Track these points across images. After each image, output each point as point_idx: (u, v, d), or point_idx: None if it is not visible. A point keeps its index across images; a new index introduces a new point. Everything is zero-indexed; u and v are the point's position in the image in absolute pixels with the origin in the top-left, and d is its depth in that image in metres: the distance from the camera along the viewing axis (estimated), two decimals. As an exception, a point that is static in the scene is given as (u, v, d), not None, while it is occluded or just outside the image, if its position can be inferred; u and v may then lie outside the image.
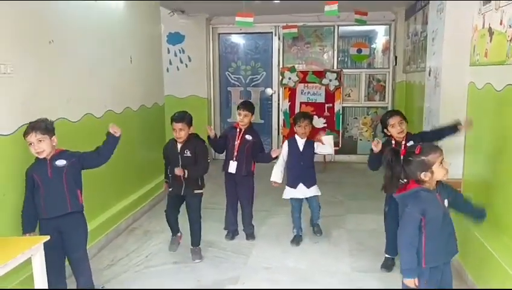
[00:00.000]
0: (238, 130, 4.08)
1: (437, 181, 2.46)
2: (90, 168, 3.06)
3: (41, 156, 2.81)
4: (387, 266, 3.56)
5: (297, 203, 4.10)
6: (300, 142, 4.00)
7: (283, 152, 4.07)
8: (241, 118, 4.04)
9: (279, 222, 4.72)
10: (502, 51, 2.97)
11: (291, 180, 4.05)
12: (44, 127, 2.81)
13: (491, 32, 3.20)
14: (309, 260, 3.79)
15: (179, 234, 3.93)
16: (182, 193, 3.72)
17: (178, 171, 3.57)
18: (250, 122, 4.09)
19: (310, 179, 4.02)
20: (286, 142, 4.12)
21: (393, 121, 3.34)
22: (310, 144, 4.00)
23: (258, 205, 4.63)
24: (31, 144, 2.77)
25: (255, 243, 4.16)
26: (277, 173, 4.09)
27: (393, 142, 3.38)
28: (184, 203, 3.85)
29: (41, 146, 2.78)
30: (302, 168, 4.00)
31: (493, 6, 3.17)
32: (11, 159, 2.91)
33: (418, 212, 2.40)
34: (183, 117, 3.63)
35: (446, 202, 2.48)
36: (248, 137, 4.05)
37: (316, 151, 4.02)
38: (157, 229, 4.51)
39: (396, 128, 3.33)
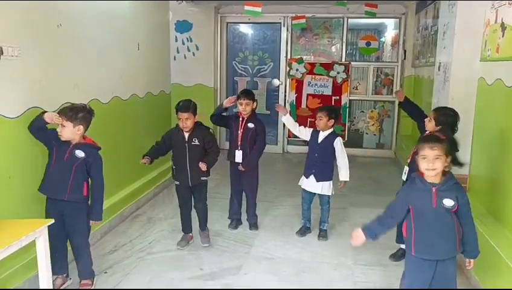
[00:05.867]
0: (240, 119, 4.06)
1: (447, 177, 2.37)
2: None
3: (62, 139, 2.87)
4: (397, 256, 3.57)
5: (307, 195, 4.07)
6: (322, 135, 3.93)
7: (306, 132, 4.01)
8: (243, 108, 4.01)
9: (282, 213, 4.72)
10: (514, 47, 2.93)
11: (305, 169, 4.04)
12: (70, 114, 2.86)
13: (503, 27, 3.16)
14: (312, 252, 3.79)
15: (190, 234, 3.89)
16: (190, 183, 3.70)
17: (202, 165, 3.54)
18: (253, 111, 4.07)
19: (321, 174, 3.94)
20: (311, 130, 4.03)
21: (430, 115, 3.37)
22: (331, 139, 3.91)
23: (262, 196, 4.63)
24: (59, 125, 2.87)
25: (258, 233, 4.17)
26: (290, 118, 4.04)
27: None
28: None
29: (63, 131, 2.85)
30: (316, 160, 3.94)
31: (506, 0, 3.12)
32: (18, 142, 2.91)
33: (404, 195, 2.54)
34: (189, 106, 3.58)
35: (448, 201, 2.34)
36: (250, 125, 4.03)
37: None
38: (161, 217, 4.53)
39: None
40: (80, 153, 2.89)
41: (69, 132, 2.86)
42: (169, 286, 3.19)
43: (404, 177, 3.44)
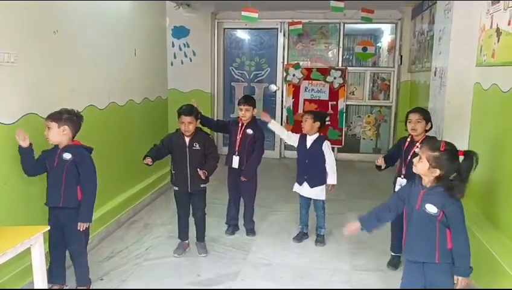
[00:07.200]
0: (240, 124, 4.06)
1: (438, 184, 2.39)
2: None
3: (49, 142, 2.88)
4: (394, 264, 3.55)
5: (304, 200, 4.06)
6: (310, 139, 3.93)
7: (294, 137, 4.02)
8: (242, 113, 4.01)
9: (280, 218, 4.70)
10: (510, 52, 2.95)
11: (298, 176, 4.02)
12: (56, 115, 2.86)
13: (498, 32, 3.17)
14: (309, 258, 3.78)
15: (186, 242, 3.85)
16: (189, 190, 3.68)
17: (201, 173, 3.54)
18: (253, 117, 4.07)
19: (314, 179, 3.92)
20: (298, 135, 4.02)
21: (412, 117, 3.36)
22: (319, 143, 3.91)
23: (260, 201, 4.62)
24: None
25: (255, 239, 4.15)
26: (276, 124, 4.15)
27: (408, 139, 3.43)
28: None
29: (49, 133, 2.86)
30: (306, 166, 3.93)
31: (502, 6, 3.14)
32: (13, 148, 2.88)
33: (402, 192, 2.62)
34: (191, 110, 3.58)
35: (430, 207, 2.37)
36: (249, 131, 4.02)
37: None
38: (158, 223, 4.51)
39: (410, 125, 3.36)
40: (67, 155, 2.88)
41: (55, 133, 2.84)
42: (166, 292, 3.18)
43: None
